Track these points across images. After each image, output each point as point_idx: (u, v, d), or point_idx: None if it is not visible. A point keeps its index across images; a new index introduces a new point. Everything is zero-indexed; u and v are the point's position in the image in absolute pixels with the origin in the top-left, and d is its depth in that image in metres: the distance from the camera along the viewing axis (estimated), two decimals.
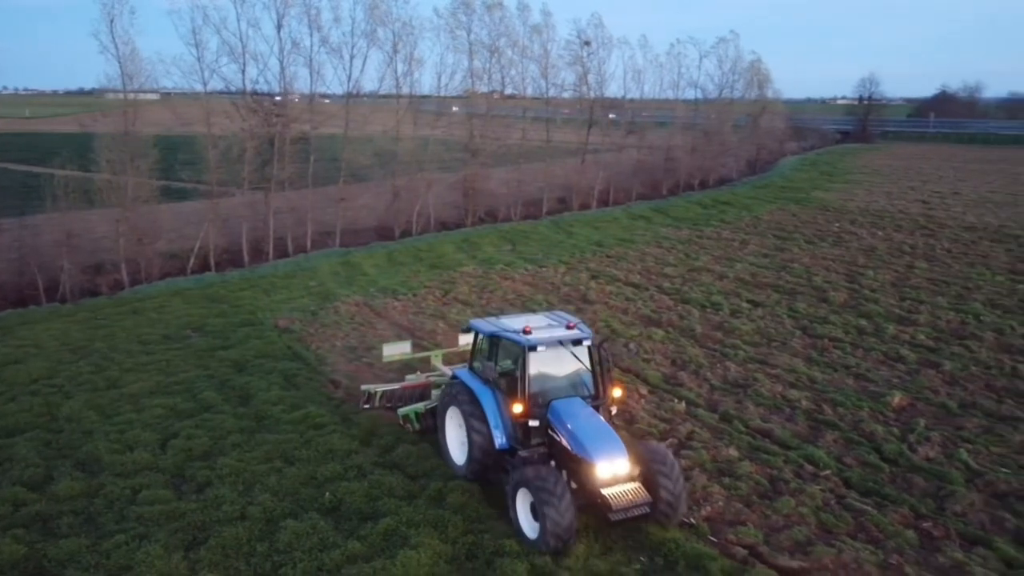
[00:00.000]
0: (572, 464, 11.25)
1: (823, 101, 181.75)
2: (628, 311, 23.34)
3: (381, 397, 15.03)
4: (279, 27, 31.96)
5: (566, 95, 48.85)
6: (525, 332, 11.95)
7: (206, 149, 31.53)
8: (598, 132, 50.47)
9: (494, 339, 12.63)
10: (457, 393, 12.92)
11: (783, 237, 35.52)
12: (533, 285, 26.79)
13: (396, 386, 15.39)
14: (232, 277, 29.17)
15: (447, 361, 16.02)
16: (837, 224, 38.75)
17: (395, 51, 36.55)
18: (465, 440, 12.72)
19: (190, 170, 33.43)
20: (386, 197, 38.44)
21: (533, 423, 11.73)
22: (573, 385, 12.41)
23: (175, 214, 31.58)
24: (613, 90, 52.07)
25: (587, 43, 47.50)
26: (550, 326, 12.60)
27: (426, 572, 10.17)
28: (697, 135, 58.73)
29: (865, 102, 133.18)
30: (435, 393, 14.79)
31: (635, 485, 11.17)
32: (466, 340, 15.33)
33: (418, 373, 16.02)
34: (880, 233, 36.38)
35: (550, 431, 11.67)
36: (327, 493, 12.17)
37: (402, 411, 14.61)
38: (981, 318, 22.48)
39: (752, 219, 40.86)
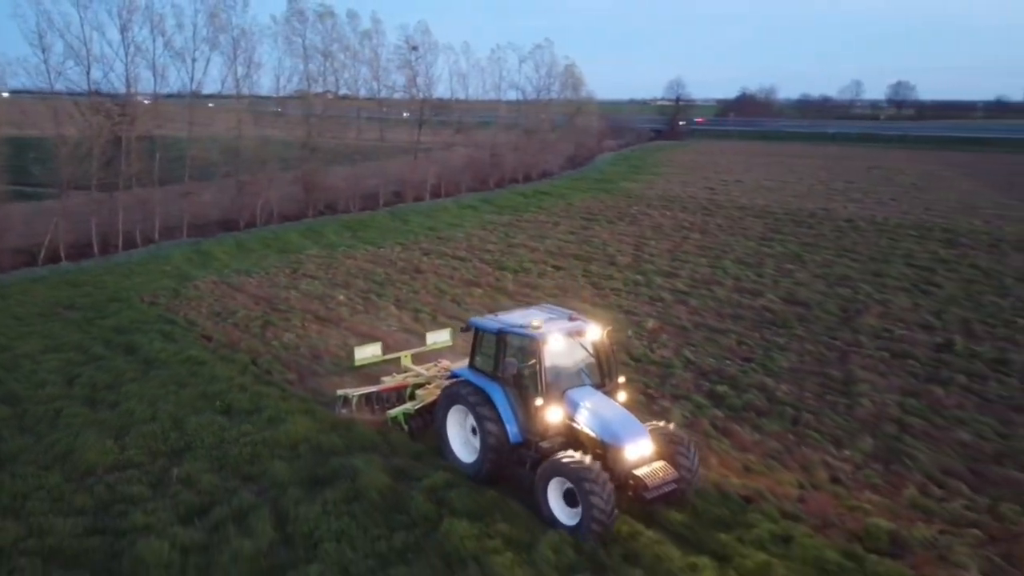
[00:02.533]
0: (598, 450, 11.59)
1: (645, 102, 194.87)
2: (453, 277, 27.99)
3: (358, 401, 15.23)
4: (123, 31, 34.01)
5: (397, 96, 53.01)
6: (535, 327, 12.38)
7: (55, 148, 33.04)
8: (429, 131, 54.97)
9: (502, 336, 12.65)
10: (464, 392, 12.90)
11: (589, 219, 41.50)
12: (374, 262, 30.82)
13: (373, 388, 15.54)
14: (88, 266, 31.12)
15: (417, 361, 16.92)
16: (635, 208, 45.38)
17: (235, 55, 39.28)
18: (468, 438, 13.07)
19: (40, 169, 34.63)
20: (230, 192, 40.95)
21: (555, 414, 12.13)
22: (583, 374, 12.84)
23: (24, 213, 32.81)
24: (441, 92, 56.87)
25: (415, 48, 51.90)
26: (551, 319, 12.89)
27: (302, 435, 14.23)
28: (520, 134, 64.54)
29: (681, 103, 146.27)
30: (419, 393, 15.18)
31: (662, 463, 11.70)
32: (434, 340, 17.35)
33: (393, 374, 16.29)
34: (668, 214, 43.23)
35: (570, 420, 12.09)
36: (218, 401, 15.85)
37: (392, 413, 14.67)
38: (727, 271, 28.94)
39: (566, 205, 46.83)
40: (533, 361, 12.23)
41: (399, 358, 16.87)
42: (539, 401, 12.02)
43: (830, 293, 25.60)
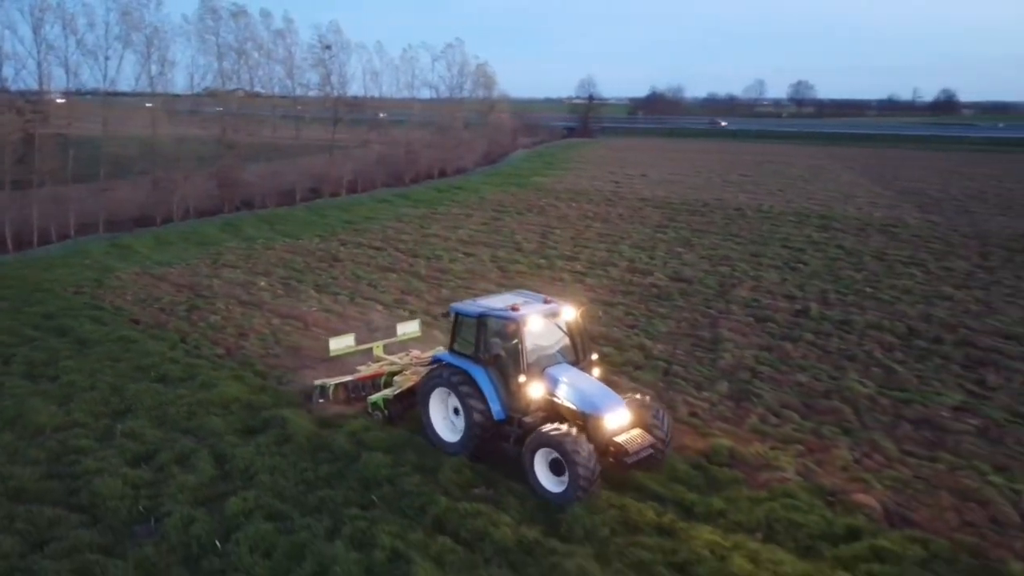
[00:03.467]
0: (579, 421, 12.39)
1: (560, 100, 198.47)
2: (369, 264, 29.81)
3: (335, 390, 15.73)
4: (35, 30, 34.38)
5: (312, 95, 54.18)
6: (514, 309, 13.11)
7: None
8: (344, 129, 56.28)
9: (482, 320, 13.31)
10: (446, 375, 13.56)
11: (500, 211, 43.80)
12: (293, 252, 32.29)
13: (349, 378, 16.04)
14: (4, 260, 31.52)
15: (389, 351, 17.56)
16: (543, 200, 47.93)
17: (149, 53, 39.91)
18: (451, 419, 13.75)
19: None
20: (146, 189, 41.50)
21: (536, 390, 12.94)
22: (559, 352, 13.65)
23: None
24: (355, 90, 58.25)
25: (328, 47, 53.22)
26: (527, 303, 13.62)
27: (234, 396, 15.97)
28: (434, 131, 66.41)
29: (594, 101, 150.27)
30: (396, 379, 15.71)
31: (639, 431, 12.64)
32: (404, 330, 18.02)
33: (369, 363, 16.82)
34: (574, 205, 45.95)
35: (551, 396, 12.89)
36: (152, 372, 17.36)
37: (372, 399, 15.12)
38: (622, 254, 31.67)
39: (479, 199, 49.05)
40: (516, 342, 12.90)
41: (371, 348, 17.51)
42: (522, 379, 12.77)
43: (711, 271, 28.58)
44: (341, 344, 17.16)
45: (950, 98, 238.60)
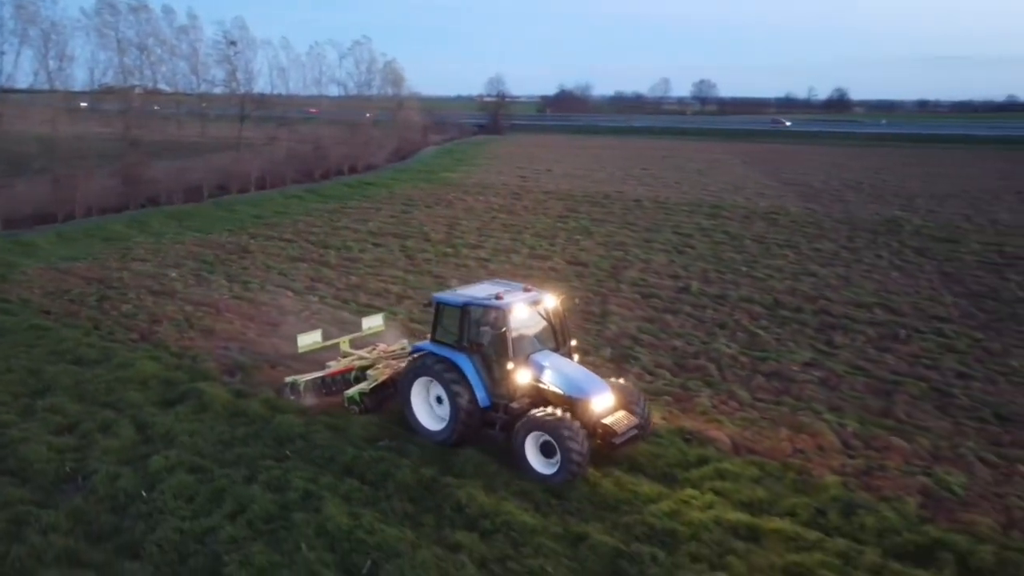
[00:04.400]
0: (566, 405, 12.76)
1: (471, 98, 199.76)
2: (280, 255, 30.71)
3: (307, 387, 15.63)
4: None
5: (217, 91, 54.06)
6: (498, 298, 13.40)
7: None
8: (252, 126, 56.34)
9: (467, 308, 13.56)
10: (430, 363, 13.79)
11: (409, 205, 45.08)
12: (202, 246, 32.80)
13: (320, 374, 16.00)
14: None
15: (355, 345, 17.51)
16: (452, 195, 49.44)
17: (46, 49, 39.44)
18: (433, 408, 14.02)
19: None
20: (46, 186, 40.89)
21: (523, 377, 13.26)
22: (542, 339, 13.96)
23: None
24: (261, 86, 58.36)
25: (233, 43, 53.27)
26: (509, 291, 13.90)
27: (151, 373, 16.91)
28: (343, 128, 66.96)
29: (504, 99, 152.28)
30: (370, 373, 15.72)
31: (623, 413, 13.11)
32: (369, 325, 18.07)
33: (339, 359, 16.65)
34: (481, 199, 47.62)
35: (537, 381, 13.22)
36: (68, 355, 18.06)
37: (348, 393, 15.14)
38: (525, 242, 33.51)
39: (389, 194, 50.16)
40: (502, 329, 13.17)
41: (338, 344, 17.35)
42: (510, 366, 13.09)
43: (606, 256, 30.73)
44: (308, 340, 16.94)
45: (842, 96, 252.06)
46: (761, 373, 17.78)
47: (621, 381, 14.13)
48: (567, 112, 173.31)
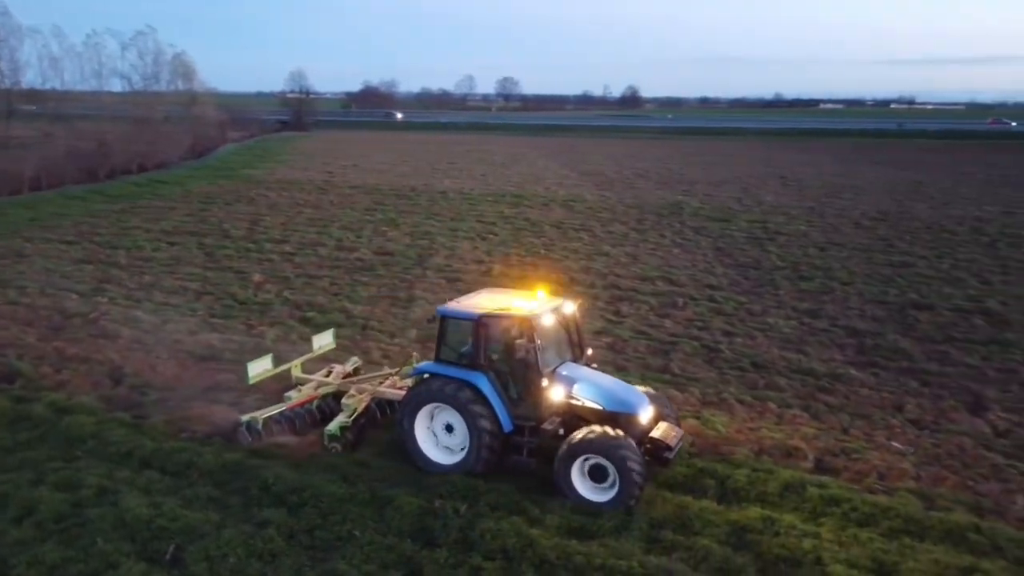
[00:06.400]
0: (608, 422, 11.55)
1: (272, 94, 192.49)
2: (62, 257, 28.57)
3: (267, 425, 13.55)
4: None
5: None
6: (522, 307, 12.15)
7: None
8: (22, 123, 51.44)
9: (483, 321, 12.09)
10: (441, 388, 12.19)
11: (207, 202, 43.19)
12: None
13: (281, 407, 13.97)
14: None
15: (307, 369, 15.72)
16: (254, 191, 47.90)
17: None
18: (441, 438, 12.50)
19: None
20: None
21: (558, 393, 11.98)
22: (561, 350, 12.73)
23: None
24: (31, 79, 53.37)
25: None
26: (521, 300, 12.74)
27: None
28: (130, 124, 62.62)
29: (308, 95, 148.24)
30: (346, 402, 13.96)
31: (665, 424, 12.11)
32: (320, 343, 16.22)
33: (298, 388, 14.78)
34: (286, 194, 46.54)
35: (570, 397, 11.95)
36: None
37: (329, 430, 13.16)
38: (332, 235, 33.34)
39: (184, 192, 47.71)
40: (529, 342, 11.87)
41: (289, 369, 15.45)
42: (544, 383, 11.85)
43: (413, 245, 31.31)
44: (260, 369, 14.72)
45: (635, 94, 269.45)
46: None
47: (649, 389, 13.10)
48: (373, 108, 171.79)
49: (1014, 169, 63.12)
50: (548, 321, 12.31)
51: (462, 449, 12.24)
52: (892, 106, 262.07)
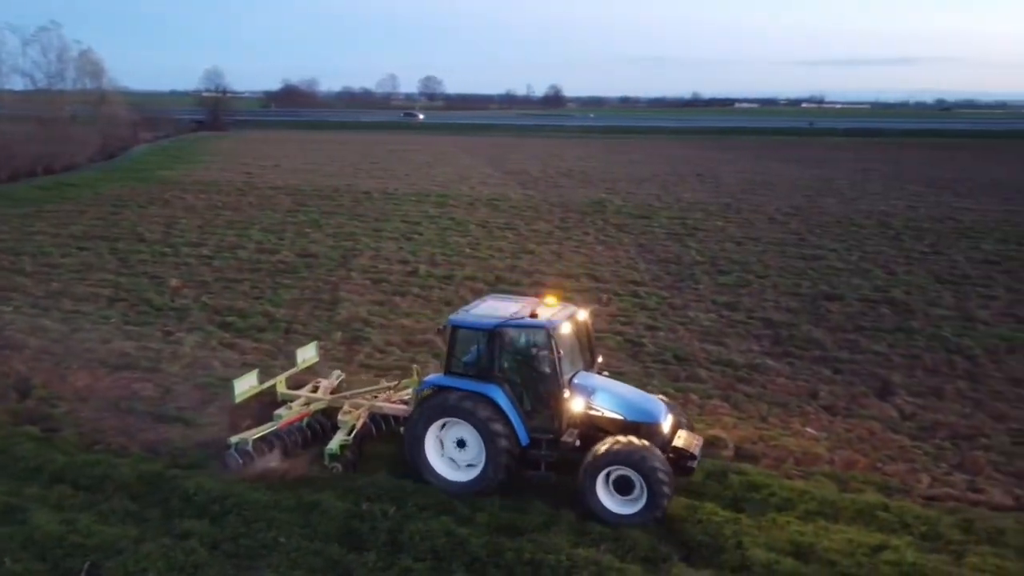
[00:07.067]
0: (630, 432, 11.28)
1: (187, 93, 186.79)
2: None
3: (257, 446, 12.46)
4: None
5: None
6: (532, 316, 11.74)
7: None
8: None
9: (499, 331, 11.65)
10: (454, 402, 11.71)
11: (120, 205, 41.57)
12: None
13: (272, 426, 13.03)
14: None
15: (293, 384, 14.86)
16: (169, 193, 46.36)
17: None
18: (451, 454, 12.00)
19: None
20: None
21: (578, 404, 11.70)
22: (574, 359, 12.39)
23: None
24: None
25: None
26: (530, 307, 12.23)
27: None
28: (33, 124, 59.76)
29: (226, 94, 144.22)
30: (342, 419, 13.20)
31: (685, 432, 11.95)
32: (304, 356, 15.40)
33: (289, 405, 13.84)
34: (203, 196, 45.19)
35: (589, 408, 11.70)
36: None
37: (330, 450, 12.48)
38: (252, 238, 32.57)
39: (94, 195, 45.81)
40: (547, 352, 11.60)
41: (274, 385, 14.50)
42: (566, 394, 11.55)
43: (336, 246, 30.86)
44: (246, 386, 13.74)
45: (557, 93, 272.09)
46: None
47: (662, 396, 12.90)
48: (294, 107, 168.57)
49: (917, 165, 66.37)
50: (566, 330, 12.06)
51: (475, 465, 11.78)
52: (803, 105, 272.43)
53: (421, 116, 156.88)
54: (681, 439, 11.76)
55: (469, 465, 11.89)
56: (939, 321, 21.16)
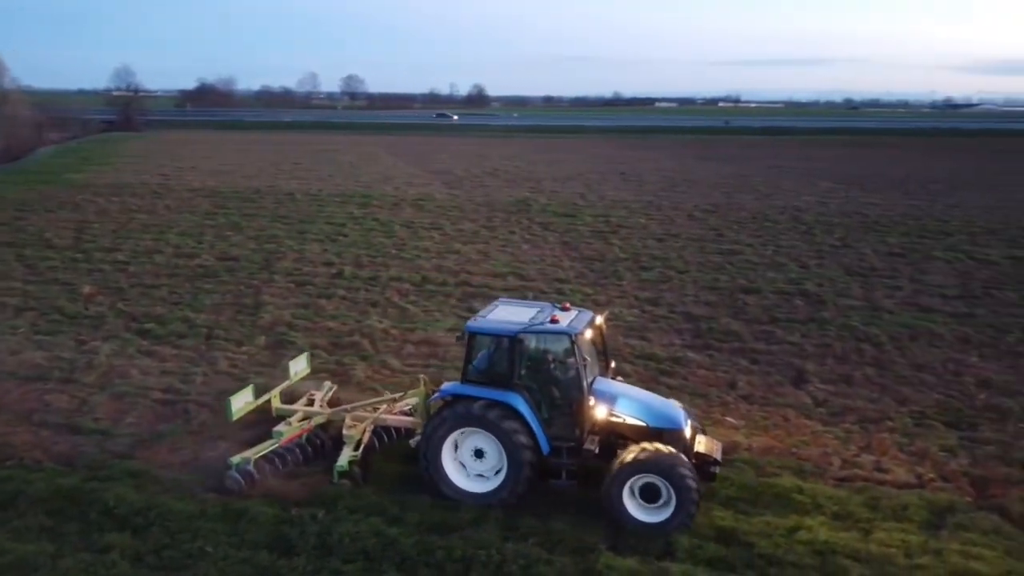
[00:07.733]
0: (653, 439, 11.21)
1: (96, 92, 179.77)
2: None
3: (258, 465, 12.13)
4: None
5: None
6: (553, 321, 11.62)
7: None
8: None
9: (521, 338, 11.46)
10: (474, 411, 11.39)
11: (24, 210, 39.67)
12: None
13: (273, 443, 12.68)
14: None
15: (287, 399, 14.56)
16: (79, 196, 44.54)
17: None
18: (468, 464, 11.73)
19: None
20: None
21: (601, 411, 11.55)
22: (592, 365, 12.16)
23: None
24: None
25: None
26: (556, 311, 12.11)
27: None
28: None
29: (138, 93, 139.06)
30: (347, 434, 12.81)
31: (705, 437, 12.02)
32: (296, 369, 15.09)
33: (288, 421, 13.52)
34: (116, 199, 43.56)
35: (611, 415, 11.57)
36: None
37: (339, 467, 12.10)
38: (169, 242, 31.63)
39: None
40: (571, 359, 11.55)
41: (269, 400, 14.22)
42: (591, 401, 11.44)
43: (258, 249, 30.27)
44: (242, 402, 13.47)
45: (481, 92, 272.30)
46: (411, 343, 19.18)
47: (675, 401, 12.74)
48: (211, 107, 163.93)
49: (828, 163, 69.13)
50: (587, 336, 12.00)
51: (495, 475, 11.57)
52: (720, 104, 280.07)
53: (455, 117, 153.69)
54: (702, 444, 11.83)
55: (481, 475, 11.70)
56: (848, 311, 22.20)
